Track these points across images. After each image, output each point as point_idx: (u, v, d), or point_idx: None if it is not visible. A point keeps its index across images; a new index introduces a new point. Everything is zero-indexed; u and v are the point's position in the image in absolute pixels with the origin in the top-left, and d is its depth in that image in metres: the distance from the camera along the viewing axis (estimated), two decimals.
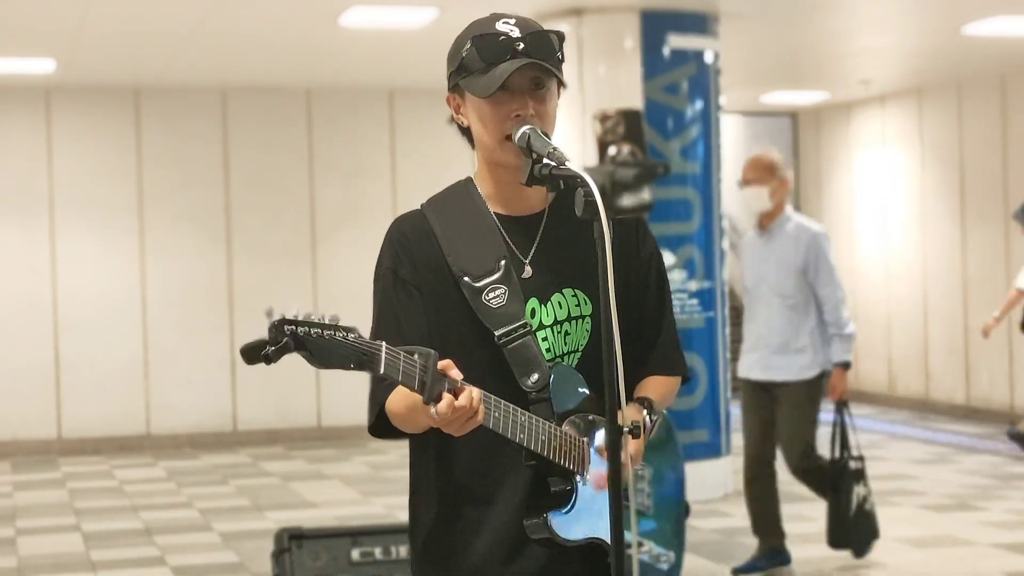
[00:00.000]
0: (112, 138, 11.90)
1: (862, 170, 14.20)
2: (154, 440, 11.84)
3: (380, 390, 2.41)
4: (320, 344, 2.04)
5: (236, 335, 11.95)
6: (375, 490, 9.40)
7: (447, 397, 2.16)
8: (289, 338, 2.01)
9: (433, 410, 2.16)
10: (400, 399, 2.36)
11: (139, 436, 11.85)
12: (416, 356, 2.15)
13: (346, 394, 11.48)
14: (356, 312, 2.90)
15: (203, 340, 11.93)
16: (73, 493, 9.68)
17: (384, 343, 2.12)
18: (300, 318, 2.03)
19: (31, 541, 8.00)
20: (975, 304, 12.55)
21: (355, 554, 5.34)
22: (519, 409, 2.32)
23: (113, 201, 11.87)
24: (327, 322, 2.05)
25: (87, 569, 7.25)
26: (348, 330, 2.07)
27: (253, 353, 2.04)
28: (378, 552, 5.36)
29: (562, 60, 2.46)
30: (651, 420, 2.49)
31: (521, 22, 2.41)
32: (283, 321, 2.01)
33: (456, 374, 2.19)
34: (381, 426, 2.44)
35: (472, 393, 2.19)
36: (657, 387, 2.58)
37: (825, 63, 11.75)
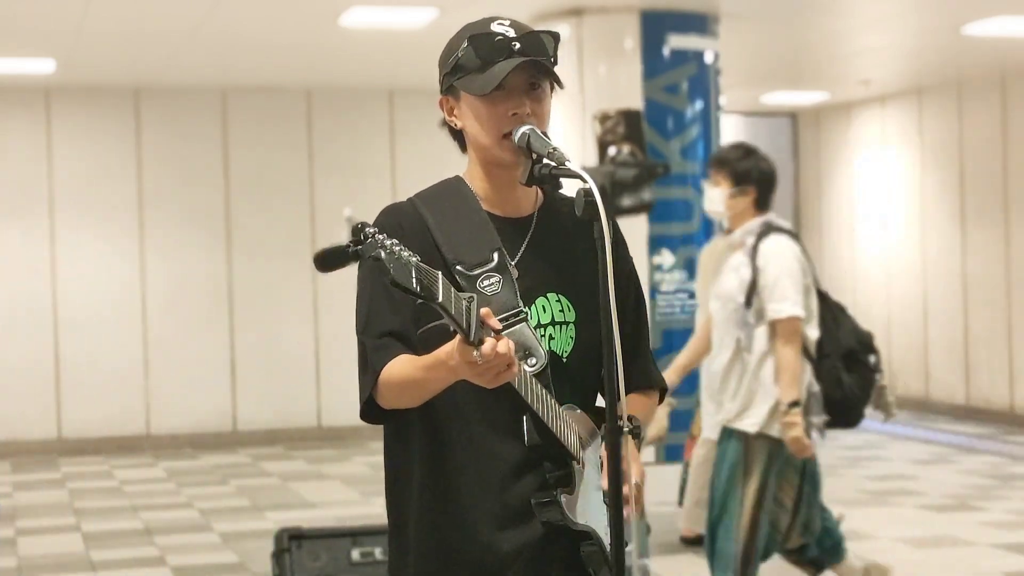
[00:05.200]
0: (112, 138, 11.90)
1: (862, 170, 14.20)
2: (154, 440, 11.83)
3: (377, 358, 2.39)
4: (393, 256, 2.05)
5: (236, 335, 11.95)
6: (375, 490, 9.39)
7: (490, 341, 2.14)
8: (372, 240, 2.04)
9: (476, 353, 2.14)
10: (407, 363, 2.35)
11: (139, 436, 11.85)
12: (462, 298, 2.13)
13: (346, 394, 11.44)
14: None
15: (203, 340, 11.93)
16: (73, 493, 9.67)
17: (440, 273, 2.11)
18: (374, 229, 2.07)
19: (31, 541, 8.00)
20: (975, 304, 12.55)
21: (355, 554, 5.34)
22: (535, 379, 2.34)
23: (113, 201, 11.87)
24: (392, 241, 2.08)
25: (87, 569, 7.25)
26: (411, 253, 2.08)
27: (335, 256, 2.06)
28: (378, 552, 5.36)
29: (555, 62, 2.46)
30: (637, 442, 2.51)
31: (515, 24, 2.43)
32: (365, 224, 2.06)
33: (495, 323, 2.18)
34: (372, 408, 2.43)
35: (510, 343, 2.18)
36: (640, 403, 2.60)
37: (825, 63, 11.74)
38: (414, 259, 2.06)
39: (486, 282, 2.42)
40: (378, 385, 2.39)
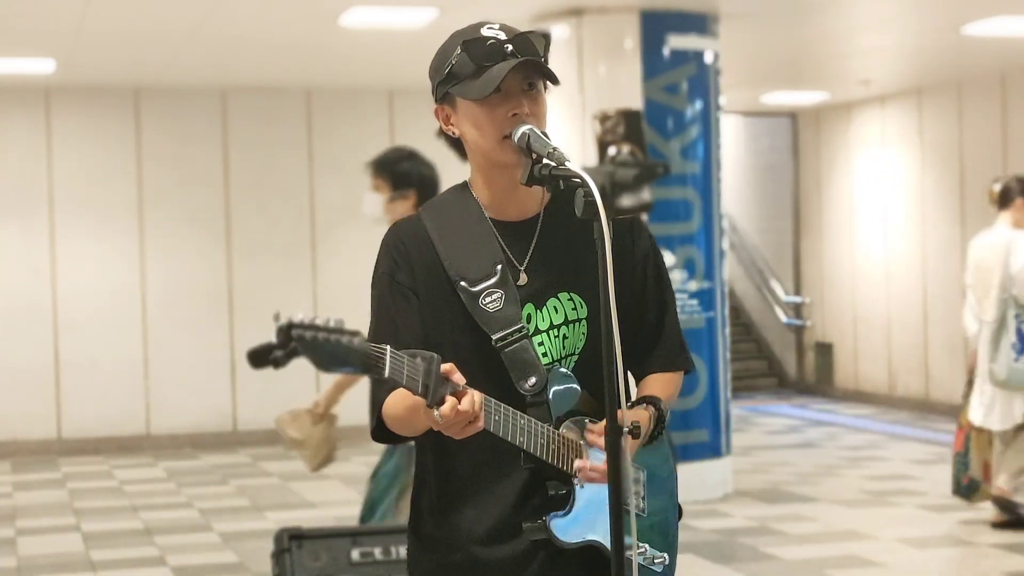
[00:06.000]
0: (112, 138, 11.90)
1: (862, 170, 14.20)
2: (154, 440, 11.83)
3: (380, 394, 2.42)
4: (327, 348, 2.03)
5: (236, 335, 11.95)
6: None
7: (450, 400, 2.16)
8: (296, 342, 2.00)
9: (436, 413, 2.16)
10: (397, 402, 2.37)
11: (139, 436, 11.85)
12: (419, 360, 2.14)
13: (346, 395, 11.46)
14: (356, 312, 2.90)
15: (203, 340, 11.93)
16: (73, 493, 9.68)
17: (388, 347, 2.11)
18: (307, 322, 2.02)
19: (31, 541, 8.00)
20: None
21: (355, 554, 5.33)
22: (519, 413, 2.33)
23: (113, 201, 11.87)
24: (332, 326, 2.04)
25: (87, 569, 7.25)
26: (353, 334, 2.06)
27: (260, 357, 2.03)
28: (378, 552, 5.35)
29: (546, 63, 2.46)
30: (659, 417, 2.49)
31: (505, 27, 2.43)
32: (291, 325, 2.01)
33: (459, 378, 2.19)
34: (383, 431, 2.46)
35: (474, 397, 2.20)
36: (661, 385, 2.58)
37: (825, 63, 11.75)
38: (356, 340, 2.06)
39: (488, 299, 2.43)
40: (382, 415, 2.42)
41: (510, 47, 2.37)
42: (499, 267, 2.44)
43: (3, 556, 7.60)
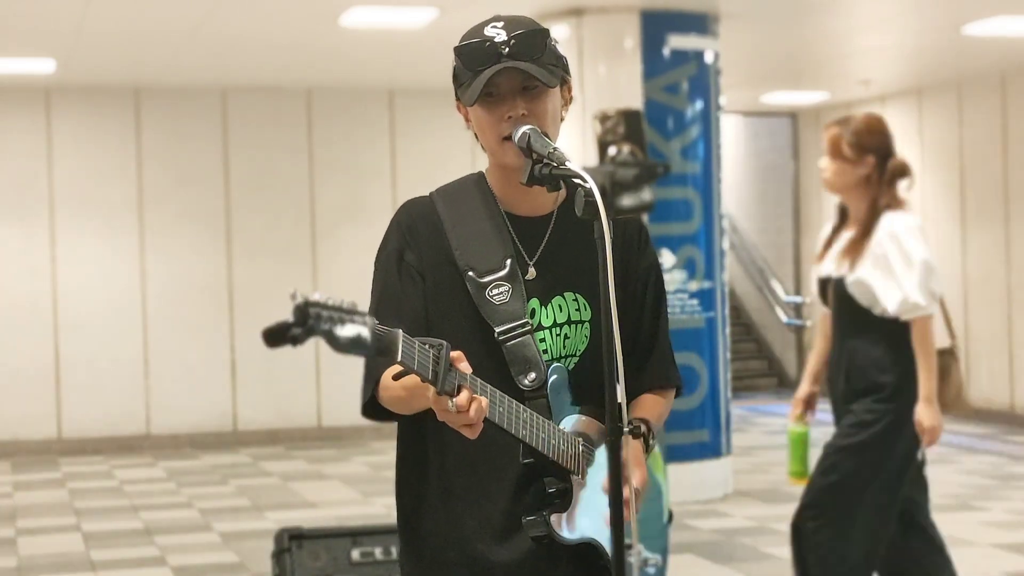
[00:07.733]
0: (112, 138, 11.90)
1: None
2: (154, 440, 11.84)
3: (376, 367, 2.40)
4: (343, 326, 2.03)
5: (236, 335, 11.95)
6: (375, 490, 9.40)
7: (466, 393, 2.16)
8: (314, 321, 2.00)
9: (451, 403, 2.15)
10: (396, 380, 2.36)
11: (139, 436, 11.85)
12: (428, 347, 2.14)
13: (346, 394, 11.47)
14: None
15: (203, 340, 11.93)
16: (73, 493, 9.68)
17: (401, 331, 2.11)
18: (324, 301, 2.01)
19: (31, 541, 8.00)
20: (975, 304, 12.55)
21: (355, 554, 5.34)
22: (523, 406, 2.33)
23: (113, 201, 11.87)
24: (346, 307, 2.04)
25: (87, 569, 7.25)
26: (367, 316, 2.06)
27: (277, 335, 2.01)
28: (378, 552, 5.35)
29: (559, 56, 2.45)
30: (647, 445, 2.49)
31: (510, 24, 2.41)
32: (308, 303, 1.99)
33: (465, 367, 2.18)
34: (374, 407, 2.44)
35: (482, 404, 2.18)
36: (653, 406, 2.58)
37: (825, 63, 11.75)
38: (370, 321, 2.06)
39: (495, 291, 2.43)
40: (378, 390, 2.41)
41: (506, 48, 2.37)
42: (509, 261, 2.44)
43: (3, 556, 7.60)
